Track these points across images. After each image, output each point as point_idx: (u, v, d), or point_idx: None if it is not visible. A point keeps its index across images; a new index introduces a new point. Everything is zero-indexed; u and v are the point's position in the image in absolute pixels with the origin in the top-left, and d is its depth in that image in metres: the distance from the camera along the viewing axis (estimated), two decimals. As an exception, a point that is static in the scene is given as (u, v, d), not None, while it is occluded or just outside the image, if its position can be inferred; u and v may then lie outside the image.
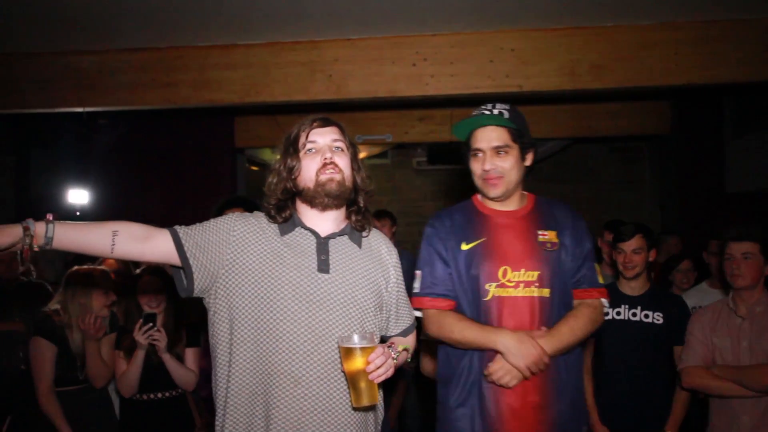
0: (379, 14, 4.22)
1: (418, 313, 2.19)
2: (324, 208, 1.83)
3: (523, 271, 2.08)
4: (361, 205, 1.91)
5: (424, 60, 4.62)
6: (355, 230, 1.92)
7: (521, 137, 2.13)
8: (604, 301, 2.18)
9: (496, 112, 2.12)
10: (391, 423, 3.87)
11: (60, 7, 3.94)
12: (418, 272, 2.21)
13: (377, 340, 1.74)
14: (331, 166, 1.80)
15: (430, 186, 9.44)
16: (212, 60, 4.74)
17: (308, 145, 1.83)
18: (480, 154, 2.14)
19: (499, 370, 2.02)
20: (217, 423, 1.80)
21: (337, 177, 1.80)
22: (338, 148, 1.85)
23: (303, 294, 1.74)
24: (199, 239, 1.77)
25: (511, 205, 2.19)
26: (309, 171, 1.81)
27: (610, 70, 4.49)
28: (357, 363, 1.63)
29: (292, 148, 1.85)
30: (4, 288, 4.42)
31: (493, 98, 2.24)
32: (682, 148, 6.87)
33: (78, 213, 6.85)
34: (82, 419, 3.05)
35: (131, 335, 2.95)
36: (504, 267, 2.09)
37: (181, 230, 1.78)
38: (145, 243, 1.73)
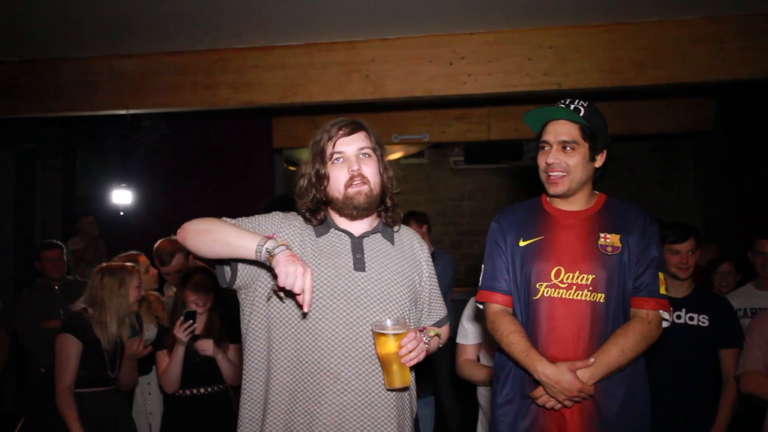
0: (416, 14, 4.21)
1: (481, 306, 2.20)
2: (353, 218, 1.87)
3: (577, 273, 2.02)
4: (389, 204, 1.94)
5: (461, 59, 4.59)
6: (387, 226, 1.95)
7: (593, 136, 2.06)
8: (664, 313, 2.05)
9: (572, 107, 2.07)
10: None
11: (104, 12, 4.03)
12: (482, 267, 2.22)
13: (410, 326, 1.79)
14: (359, 178, 1.82)
15: (467, 185, 9.39)
16: (251, 62, 4.80)
17: (335, 155, 1.85)
18: (546, 147, 2.09)
19: (543, 396, 2.00)
20: (251, 420, 1.81)
21: (365, 189, 1.83)
22: (365, 154, 1.87)
23: (341, 292, 1.78)
24: None
25: (577, 205, 2.13)
26: (337, 183, 1.84)
27: (653, 66, 4.38)
28: (390, 347, 1.71)
29: (319, 157, 1.87)
30: (50, 287, 4.57)
31: (574, 95, 2.18)
32: (727, 146, 6.67)
33: (122, 213, 7.01)
34: (108, 421, 3.10)
35: (172, 333, 3.02)
36: (558, 267, 2.04)
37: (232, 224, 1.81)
38: None
